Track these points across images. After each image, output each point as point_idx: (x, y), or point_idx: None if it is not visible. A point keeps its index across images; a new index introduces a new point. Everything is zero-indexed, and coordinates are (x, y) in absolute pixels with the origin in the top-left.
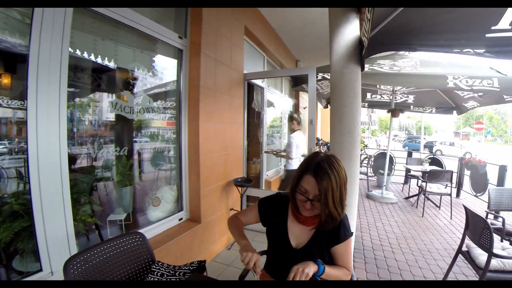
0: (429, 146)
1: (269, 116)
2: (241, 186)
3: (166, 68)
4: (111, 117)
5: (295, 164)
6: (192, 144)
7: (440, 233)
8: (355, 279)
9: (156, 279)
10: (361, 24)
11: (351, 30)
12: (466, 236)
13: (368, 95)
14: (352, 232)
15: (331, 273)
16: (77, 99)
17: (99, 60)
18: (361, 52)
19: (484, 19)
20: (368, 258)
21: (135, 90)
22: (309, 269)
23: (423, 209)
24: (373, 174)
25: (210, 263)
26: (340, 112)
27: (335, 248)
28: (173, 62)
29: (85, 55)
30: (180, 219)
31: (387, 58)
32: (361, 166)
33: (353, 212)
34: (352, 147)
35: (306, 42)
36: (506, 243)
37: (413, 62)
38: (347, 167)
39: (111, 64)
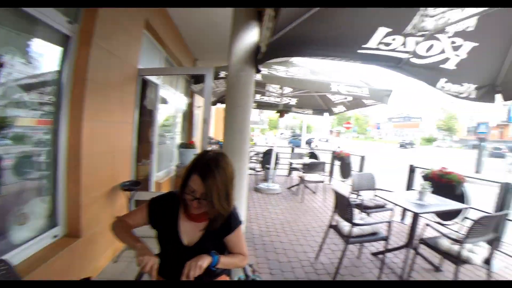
0: (309, 142)
1: (163, 114)
2: (129, 190)
3: (47, 56)
4: None
5: None
6: (73, 146)
7: (316, 214)
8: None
9: None
10: (260, 32)
11: (251, 36)
12: (335, 213)
13: (258, 96)
14: (242, 221)
15: (227, 261)
16: None
17: None
18: (257, 56)
19: (358, 38)
20: (257, 245)
21: (2, 79)
22: (202, 262)
23: (303, 195)
24: (261, 169)
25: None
26: (234, 112)
27: (228, 238)
28: (57, 49)
29: None
30: (55, 236)
31: (281, 64)
32: (251, 162)
33: (242, 205)
34: (242, 144)
35: (206, 42)
36: (364, 215)
37: (303, 70)
38: (238, 163)
39: None
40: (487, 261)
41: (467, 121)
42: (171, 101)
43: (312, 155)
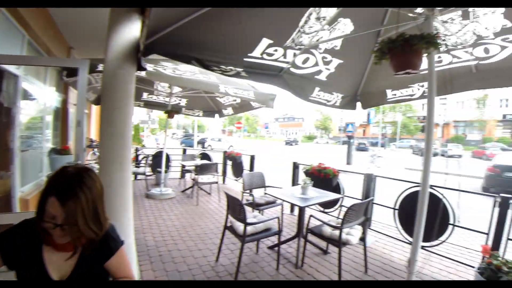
0: (202, 142)
1: (26, 113)
2: None
3: None
4: None
5: None
6: None
7: (212, 216)
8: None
9: None
10: (142, 28)
11: (132, 29)
12: (229, 215)
13: (145, 95)
14: (123, 241)
15: None
16: None
17: None
18: (138, 53)
19: (244, 46)
20: (153, 257)
21: None
22: None
23: (197, 198)
24: (152, 173)
25: None
26: (112, 114)
27: (109, 263)
28: None
29: None
30: None
31: (169, 61)
32: (139, 167)
33: (128, 218)
34: (123, 150)
35: (84, 27)
36: (256, 212)
37: (191, 68)
38: (119, 172)
39: None
40: (362, 239)
41: (339, 122)
42: (38, 97)
43: (205, 156)
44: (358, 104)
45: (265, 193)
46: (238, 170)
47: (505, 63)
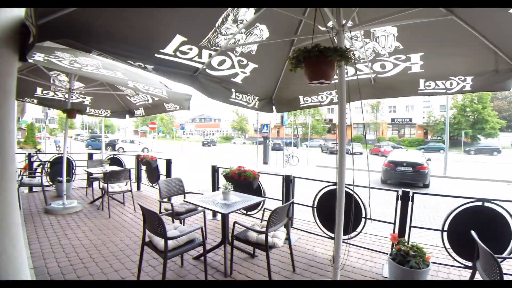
0: (112, 144)
1: None
2: None
3: None
4: None
5: None
6: None
7: (128, 229)
8: None
9: None
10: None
11: (13, 8)
12: (147, 229)
13: (39, 90)
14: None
15: None
16: None
17: None
18: (25, 39)
19: (156, 41)
20: None
21: None
22: None
23: (109, 209)
24: (51, 183)
25: None
26: None
27: None
28: None
29: None
30: None
31: (67, 51)
32: (34, 176)
33: (18, 246)
34: (1, 163)
35: None
36: (177, 222)
37: (95, 62)
38: None
39: None
40: (287, 239)
41: (254, 123)
42: None
43: (114, 161)
44: (274, 108)
45: (185, 201)
46: (153, 176)
47: (396, 78)
